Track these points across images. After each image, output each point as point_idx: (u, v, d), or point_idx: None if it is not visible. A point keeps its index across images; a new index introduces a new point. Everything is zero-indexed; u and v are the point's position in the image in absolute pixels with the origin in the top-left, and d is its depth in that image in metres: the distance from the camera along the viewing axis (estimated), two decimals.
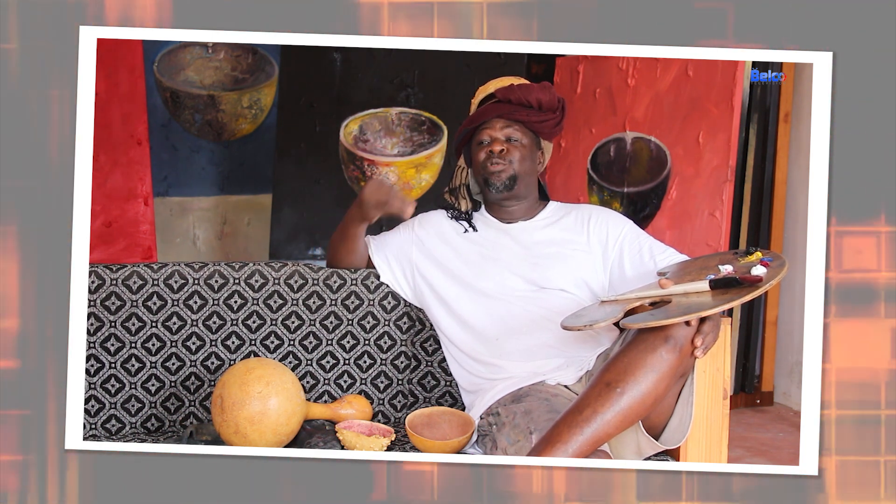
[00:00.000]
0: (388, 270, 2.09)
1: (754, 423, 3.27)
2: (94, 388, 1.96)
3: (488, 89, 2.10)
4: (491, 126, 2.06)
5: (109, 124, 3.06)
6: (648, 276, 1.93)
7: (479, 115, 2.07)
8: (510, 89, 2.05)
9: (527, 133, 2.07)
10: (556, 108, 2.07)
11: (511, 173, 2.04)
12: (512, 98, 2.04)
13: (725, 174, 2.72)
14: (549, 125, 2.07)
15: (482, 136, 2.07)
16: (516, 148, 2.05)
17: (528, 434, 1.70)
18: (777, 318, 3.50)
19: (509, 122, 2.05)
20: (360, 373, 2.09)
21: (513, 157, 2.04)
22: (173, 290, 1.99)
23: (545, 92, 2.05)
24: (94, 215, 2.98)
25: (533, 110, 2.05)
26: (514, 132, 2.05)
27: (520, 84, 2.06)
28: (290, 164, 3.33)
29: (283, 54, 3.43)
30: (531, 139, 2.08)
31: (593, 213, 2.08)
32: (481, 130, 2.07)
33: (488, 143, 2.06)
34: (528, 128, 2.07)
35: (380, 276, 2.09)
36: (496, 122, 2.06)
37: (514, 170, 2.04)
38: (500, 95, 2.06)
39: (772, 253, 1.80)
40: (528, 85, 2.06)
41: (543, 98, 2.04)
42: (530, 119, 2.05)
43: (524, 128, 2.06)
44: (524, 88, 2.04)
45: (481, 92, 2.12)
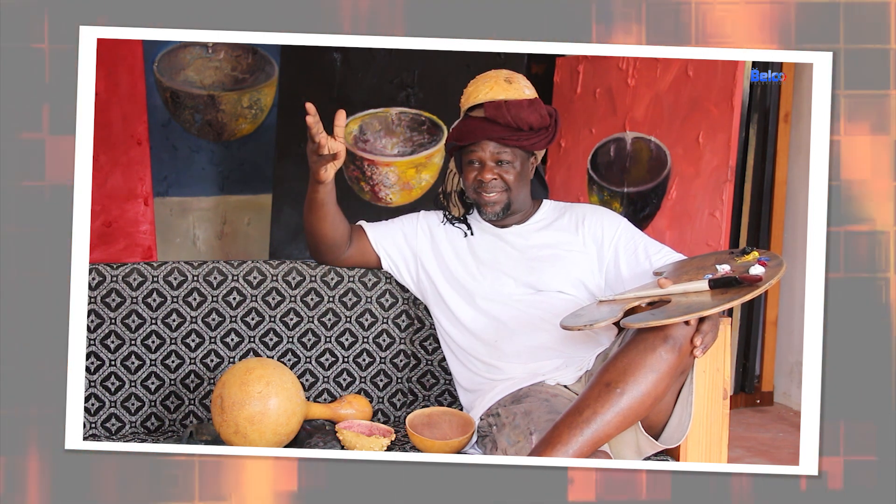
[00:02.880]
0: (386, 258, 2.08)
1: (754, 423, 3.27)
2: (95, 387, 1.96)
3: (478, 96, 1.98)
4: (481, 148, 1.97)
5: (109, 124, 3.06)
6: (644, 275, 1.93)
7: (469, 134, 1.98)
8: (499, 110, 1.94)
9: (517, 152, 1.99)
10: (549, 125, 1.99)
11: (504, 202, 2.00)
12: (501, 121, 1.95)
13: (725, 174, 2.72)
14: (542, 143, 2.00)
15: (472, 157, 1.99)
16: (508, 171, 1.98)
17: (529, 435, 1.70)
18: (777, 318, 3.50)
19: (499, 146, 1.97)
20: (360, 371, 2.09)
21: (505, 183, 1.99)
22: (173, 286, 2.00)
23: (535, 114, 1.96)
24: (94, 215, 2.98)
25: (523, 132, 1.96)
26: (504, 154, 1.97)
27: (509, 102, 1.95)
28: (290, 164, 3.33)
29: (283, 54, 3.43)
30: (523, 155, 2.01)
31: (587, 214, 2.07)
32: (470, 150, 1.99)
33: (479, 168, 1.99)
34: (520, 147, 1.99)
35: (380, 267, 2.08)
36: (486, 143, 1.97)
37: (507, 198, 2.00)
38: (489, 115, 1.96)
39: (769, 253, 1.80)
40: (517, 105, 1.95)
41: (534, 121, 1.96)
42: (521, 143, 1.97)
43: (516, 147, 1.98)
44: (514, 109, 1.94)
45: (470, 95, 2.01)
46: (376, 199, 3.30)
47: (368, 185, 3.30)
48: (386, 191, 3.29)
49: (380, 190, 3.29)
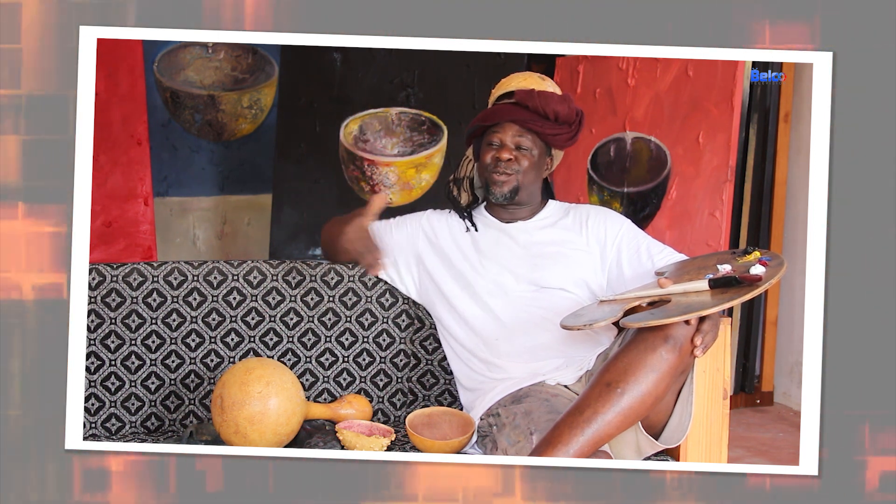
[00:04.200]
0: (391, 266, 2.08)
1: (754, 423, 3.27)
2: (95, 387, 1.96)
3: (510, 85, 2.04)
4: (503, 130, 2.01)
5: (109, 124, 3.06)
6: (646, 275, 1.93)
7: (494, 115, 2.02)
8: (530, 95, 1.99)
9: (538, 142, 2.02)
10: (573, 122, 2.02)
11: (514, 185, 2.01)
12: (529, 105, 1.98)
13: (725, 174, 2.72)
14: (563, 138, 2.02)
15: (493, 138, 2.02)
16: (525, 157, 2.01)
17: (529, 435, 1.70)
18: (777, 318, 3.50)
19: (522, 130, 2.01)
20: (360, 371, 2.09)
21: (519, 167, 2.01)
22: (173, 286, 2.00)
23: (564, 104, 1.99)
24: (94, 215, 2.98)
25: (549, 122, 1.99)
26: (525, 141, 2.00)
27: (540, 91, 1.99)
28: (290, 164, 3.33)
29: (283, 54, 3.43)
30: (542, 148, 2.03)
31: (591, 213, 2.07)
32: (493, 131, 2.02)
33: (498, 147, 2.02)
34: (541, 138, 2.02)
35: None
36: (510, 126, 2.00)
37: (517, 181, 2.01)
38: (518, 98, 1.99)
39: (770, 252, 1.80)
40: (548, 94, 1.99)
41: (561, 111, 1.98)
42: (544, 131, 1.99)
43: (537, 137, 2.01)
44: (543, 98, 1.98)
45: (502, 86, 2.06)
46: None
47: (368, 185, 3.30)
48: (386, 191, 3.30)
49: (380, 190, 3.29)
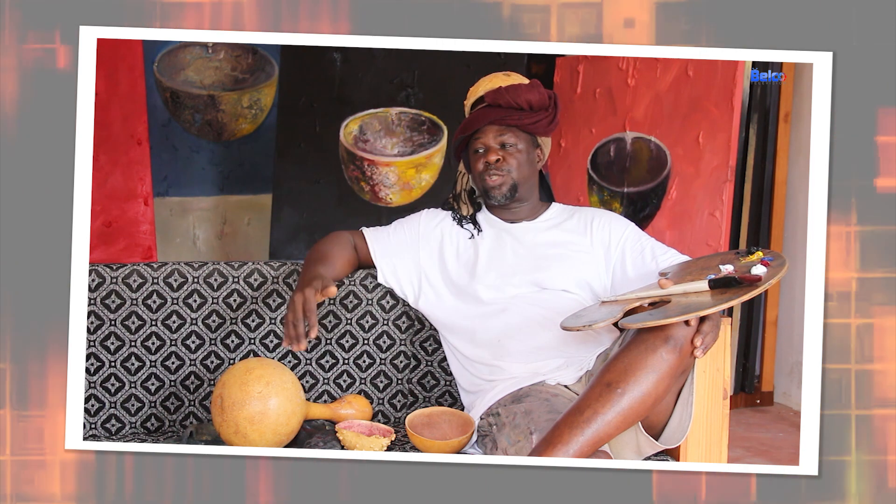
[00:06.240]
0: (391, 275, 2.07)
1: (754, 423, 3.27)
2: (94, 388, 1.96)
3: (478, 91, 2.05)
4: (484, 134, 2.02)
5: (109, 124, 3.06)
6: (650, 276, 1.93)
7: (471, 123, 2.02)
8: (498, 93, 2.00)
9: (521, 135, 2.03)
10: (548, 106, 2.03)
11: (510, 184, 2.02)
12: (501, 102, 1.99)
13: (725, 174, 2.72)
14: (543, 124, 2.03)
15: (476, 145, 2.03)
16: (512, 154, 2.01)
17: (529, 434, 1.70)
18: (777, 318, 3.50)
19: (503, 129, 2.01)
20: (360, 372, 2.09)
21: (510, 166, 2.01)
22: (173, 288, 1.99)
23: (534, 91, 2.01)
24: (94, 215, 2.98)
25: (525, 112, 2.00)
26: (508, 137, 2.01)
27: (507, 86, 2.00)
28: (290, 164, 3.33)
29: (283, 54, 3.43)
30: (527, 140, 2.04)
31: (596, 216, 2.08)
32: (475, 138, 2.03)
33: (484, 153, 2.02)
34: (523, 129, 2.03)
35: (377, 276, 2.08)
36: (489, 129, 2.01)
37: (513, 179, 2.02)
38: (489, 100, 2.01)
39: (773, 252, 1.80)
40: (515, 86, 2.00)
41: (533, 98, 2.00)
42: (523, 122, 2.00)
43: (519, 130, 2.02)
44: (512, 91, 1.99)
45: (472, 94, 2.07)
46: (376, 199, 3.30)
47: (368, 185, 3.30)
48: (386, 191, 3.30)
49: (380, 190, 3.29)
